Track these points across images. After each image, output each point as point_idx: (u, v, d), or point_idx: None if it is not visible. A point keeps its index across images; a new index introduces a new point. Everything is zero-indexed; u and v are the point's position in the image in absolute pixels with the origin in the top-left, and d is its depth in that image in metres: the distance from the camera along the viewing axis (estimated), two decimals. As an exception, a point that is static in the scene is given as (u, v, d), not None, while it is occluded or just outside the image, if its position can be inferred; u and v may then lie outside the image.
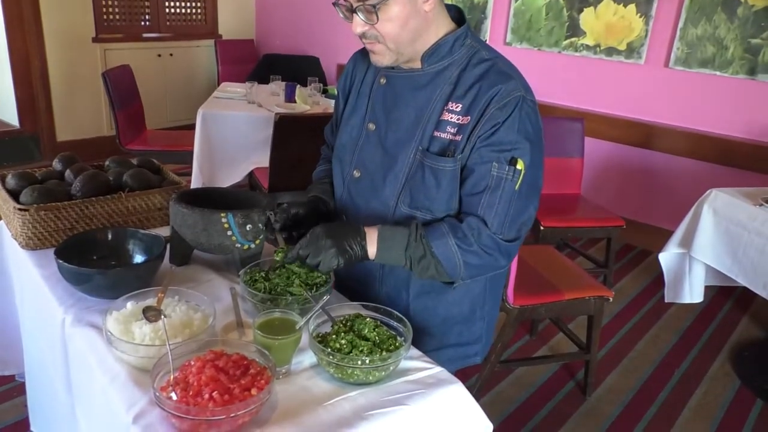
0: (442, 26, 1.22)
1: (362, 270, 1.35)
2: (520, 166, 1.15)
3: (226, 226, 1.28)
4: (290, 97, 3.81)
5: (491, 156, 1.16)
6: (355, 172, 1.33)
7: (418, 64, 1.24)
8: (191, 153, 3.52)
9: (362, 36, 1.19)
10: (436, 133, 1.21)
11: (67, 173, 1.59)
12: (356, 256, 1.18)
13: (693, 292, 2.65)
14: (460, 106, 1.19)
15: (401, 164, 1.25)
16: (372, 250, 1.19)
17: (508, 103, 1.15)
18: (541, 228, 2.94)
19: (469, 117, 1.18)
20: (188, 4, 5.43)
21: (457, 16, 1.26)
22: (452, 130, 1.19)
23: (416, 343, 1.20)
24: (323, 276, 1.27)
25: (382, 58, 1.22)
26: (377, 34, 1.17)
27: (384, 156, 1.28)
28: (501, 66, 1.20)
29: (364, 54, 1.35)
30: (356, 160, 1.33)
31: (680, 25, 3.56)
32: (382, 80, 1.30)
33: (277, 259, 1.25)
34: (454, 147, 1.19)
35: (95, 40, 4.75)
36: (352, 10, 1.16)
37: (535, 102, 1.20)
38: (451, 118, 1.20)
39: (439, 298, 1.35)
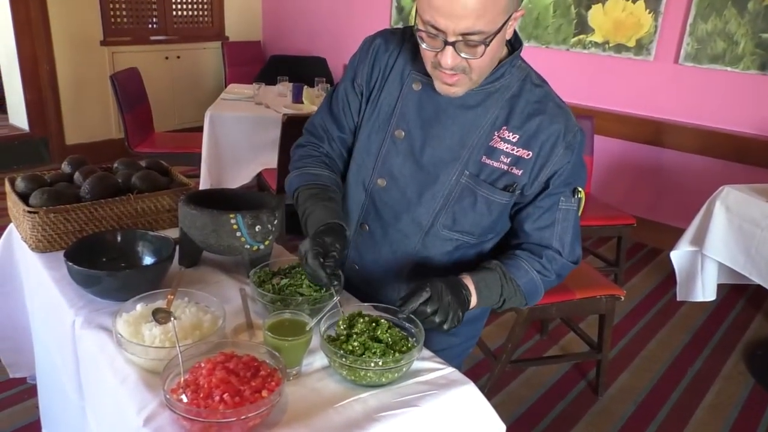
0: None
1: (379, 272, 1.33)
2: (581, 194, 1.21)
3: (235, 227, 1.28)
4: (297, 98, 3.81)
5: (559, 191, 1.19)
6: (379, 180, 1.26)
7: None
8: (199, 155, 3.53)
9: (447, 68, 1.06)
10: (487, 161, 1.17)
11: (76, 175, 1.59)
12: (468, 308, 1.14)
13: (705, 291, 2.63)
14: (517, 137, 1.16)
15: (442, 184, 1.20)
16: (473, 301, 1.16)
17: (572, 140, 1.16)
18: (551, 227, 2.92)
19: (530, 152, 1.16)
20: (195, 7, 5.44)
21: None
22: (506, 160, 1.17)
23: (428, 341, 1.19)
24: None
25: (459, 89, 1.12)
26: (467, 67, 1.07)
27: (418, 171, 1.22)
28: (553, 94, 1.20)
29: (387, 45, 1.25)
30: (380, 167, 1.25)
31: (690, 20, 3.53)
32: (415, 86, 1.21)
33: (342, 323, 1.12)
34: (513, 181, 1.18)
35: (103, 43, 4.77)
36: (448, 43, 1.02)
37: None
38: (506, 147, 1.16)
39: None
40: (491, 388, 2.29)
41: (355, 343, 1.04)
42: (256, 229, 1.29)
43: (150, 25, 5.18)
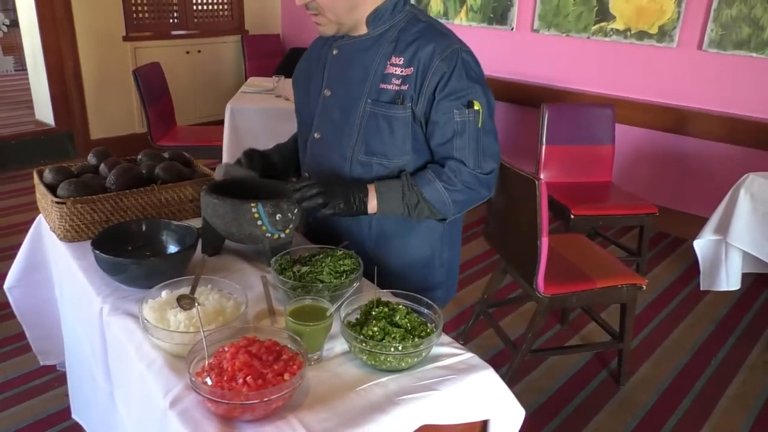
0: None
1: (330, 221, 1.49)
2: (477, 107, 1.33)
3: (256, 215, 1.30)
4: (317, 90, 3.82)
5: (450, 105, 1.32)
6: (315, 134, 1.47)
7: (364, 30, 1.38)
8: (220, 148, 3.57)
9: (306, 8, 1.33)
10: (383, 86, 1.35)
11: (102, 167, 1.63)
12: (357, 209, 1.33)
13: (730, 280, 2.59)
14: (402, 59, 1.34)
15: (354, 117, 1.39)
16: (372, 204, 1.34)
17: (449, 55, 1.31)
18: (572, 216, 2.90)
19: (411, 68, 1.33)
20: (215, 1, 5.49)
21: None
22: (397, 81, 1.34)
23: (382, 285, 1.29)
24: (351, 264, 1.28)
25: (325, 28, 1.37)
26: (318, 6, 1.31)
27: (340, 115, 1.41)
28: (437, 26, 1.37)
29: (320, 39, 1.49)
30: (316, 124, 1.47)
31: (714, 5, 3.46)
32: (334, 51, 1.43)
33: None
34: (402, 95, 1.34)
35: (125, 38, 4.84)
36: None
37: (472, 52, 1.36)
38: (395, 71, 1.34)
39: (401, 243, 1.48)
40: (511, 378, 2.29)
41: (375, 329, 1.06)
42: (277, 218, 1.31)
43: (171, 20, 5.24)
